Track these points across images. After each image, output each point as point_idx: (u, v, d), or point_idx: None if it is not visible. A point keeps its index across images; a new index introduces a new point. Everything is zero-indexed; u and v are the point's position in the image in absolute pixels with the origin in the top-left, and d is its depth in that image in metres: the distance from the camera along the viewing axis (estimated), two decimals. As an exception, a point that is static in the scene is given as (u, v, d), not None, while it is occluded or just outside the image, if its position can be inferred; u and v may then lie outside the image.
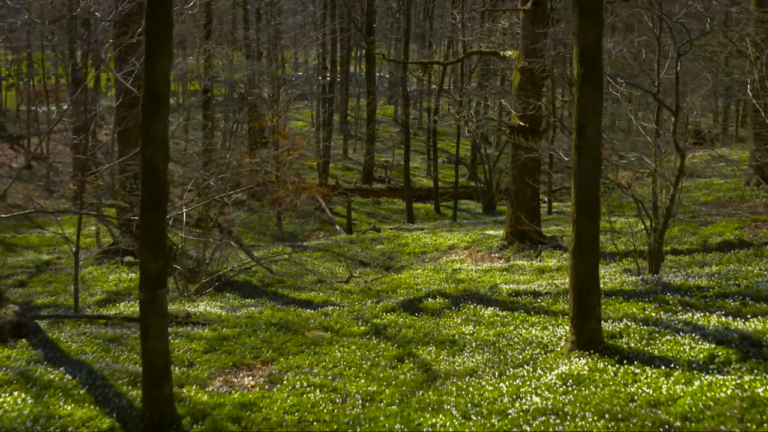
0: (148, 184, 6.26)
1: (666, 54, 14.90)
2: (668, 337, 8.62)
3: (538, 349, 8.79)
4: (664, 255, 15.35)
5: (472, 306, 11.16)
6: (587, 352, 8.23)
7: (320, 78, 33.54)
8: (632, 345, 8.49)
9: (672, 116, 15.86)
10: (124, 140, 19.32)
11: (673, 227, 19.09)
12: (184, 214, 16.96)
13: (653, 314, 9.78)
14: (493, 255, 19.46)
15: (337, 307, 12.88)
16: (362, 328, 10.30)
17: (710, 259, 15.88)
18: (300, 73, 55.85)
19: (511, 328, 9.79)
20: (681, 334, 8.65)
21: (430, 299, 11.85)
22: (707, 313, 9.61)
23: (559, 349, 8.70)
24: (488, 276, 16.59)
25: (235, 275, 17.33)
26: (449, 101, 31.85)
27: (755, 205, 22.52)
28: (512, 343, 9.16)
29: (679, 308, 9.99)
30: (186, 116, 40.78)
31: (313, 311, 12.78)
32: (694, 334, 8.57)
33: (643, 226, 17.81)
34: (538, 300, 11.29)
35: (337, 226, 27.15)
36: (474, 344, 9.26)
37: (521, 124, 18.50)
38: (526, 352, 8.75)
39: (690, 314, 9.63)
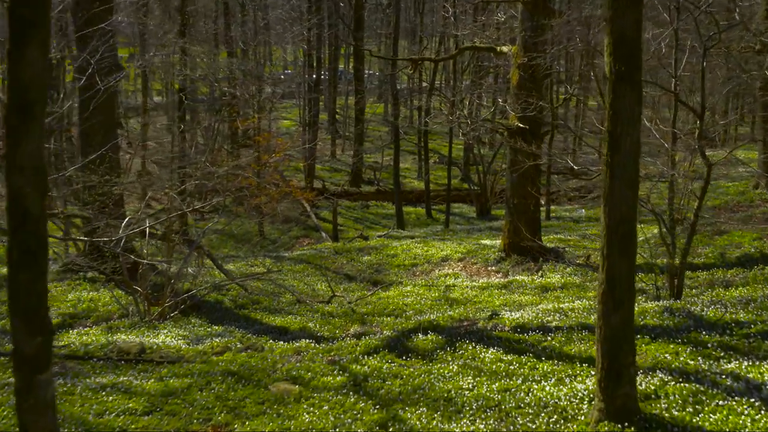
0: (16, 230, 4.31)
1: (683, 48, 13.05)
2: (718, 402, 6.76)
3: (555, 416, 6.90)
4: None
5: (470, 346, 9.26)
6: (620, 425, 6.36)
7: (306, 76, 31.51)
8: (674, 413, 6.62)
9: (683, 117, 14.07)
10: (86, 142, 17.34)
11: (685, 238, 17.31)
12: (148, 227, 15.02)
13: (691, 362, 7.92)
14: (489, 268, 17.59)
15: (313, 342, 10.96)
16: (338, 378, 8.38)
17: (733, 276, 14.07)
18: (287, 71, 53.75)
19: (519, 380, 7.88)
20: (734, 396, 6.80)
21: (420, 335, 9.95)
22: (755, 361, 7.78)
23: (582, 417, 6.81)
24: (485, 295, 14.73)
25: (207, 294, 15.40)
26: (441, 100, 29.90)
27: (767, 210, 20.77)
28: (522, 404, 7.26)
29: (721, 353, 8.14)
30: (171, 117, 38.71)
31: (284, 345, 10.88)
32: (751, 398, 6.72)
33: (647, 234, 16.05)
34: (548, 338, 9.41)
35: (323, 233, 25.20)
36: (474, 405, 7.35)
37: (520, 126, 16.61)
38: (541, 419, 6.86)
39: (736, 363, 7.79)
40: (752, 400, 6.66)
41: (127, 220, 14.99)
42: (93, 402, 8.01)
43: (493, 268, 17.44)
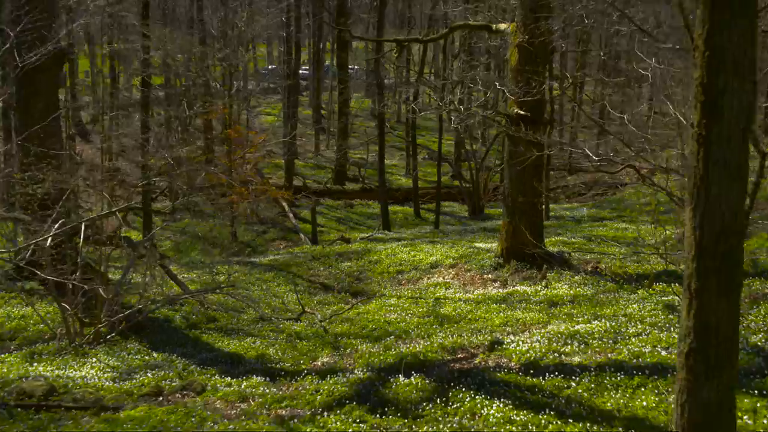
0: None
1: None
2: None
3: None
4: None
5: (467, 396, 6.77)
6: None
7: (285, 66, 28.87)
8: None
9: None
10: (24, 117, 14.55)
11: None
12: (83, 227, 12.45)
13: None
14: (485, 276, 15.07)
15: (267, 380, 8.46)
16: (284, 451, 5.87)
17: (774, 288, 11.65)
18: (272, 66, 51.15)
19: (541, 459, 5.40)
20: None
21: (402, 377, 7.44)
22: None
23: None
24: (482, 311, 12.23)
25: (156, 310, 12.85)
26: (430, 91, 27.34)
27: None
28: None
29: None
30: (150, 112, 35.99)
31: (230, 386, 8.38)
32: None
33: (667, 234, 13.68)
34: (572, 383, 6.92)
35: (302, 235, 22.63)
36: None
37: (520, 113, 14.14)
38: None
39: None
40: None
41: (60, 222, 12.40)
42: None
43: (490, 276, 14.93)
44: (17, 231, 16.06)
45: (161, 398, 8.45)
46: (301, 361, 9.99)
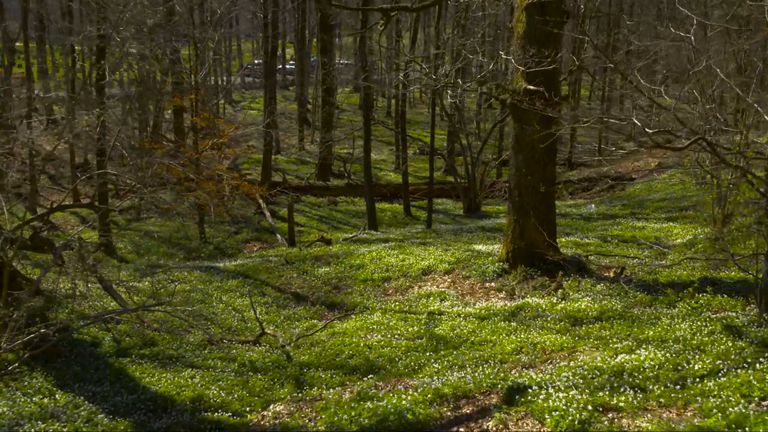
0: None
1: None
2: None
3: None
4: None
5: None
6: None
7: (262, 47, 26.02)
8: None
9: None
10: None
11: (744, 240, 12.38)
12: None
13: None
14: (488, 284, 12.39)
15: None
16: None
17: None
18: (258, 61, 48.32)
19: None
20: None
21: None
22: None
23: None
24: (488, 331, 9.57)
25: (84, 327, 10.10)
26: (420, 76, 24.63)
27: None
28: None
29: None
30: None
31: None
32: None
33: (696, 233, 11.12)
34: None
35: (278, 236, 19.88)
36: None
37: (529, 87, 11.46)
38: None
39: None
40: None
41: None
42: None
43: (493, 284, 12.24)
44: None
45: (34, 474, 5.76)
46: (249, 408, 7.29)
